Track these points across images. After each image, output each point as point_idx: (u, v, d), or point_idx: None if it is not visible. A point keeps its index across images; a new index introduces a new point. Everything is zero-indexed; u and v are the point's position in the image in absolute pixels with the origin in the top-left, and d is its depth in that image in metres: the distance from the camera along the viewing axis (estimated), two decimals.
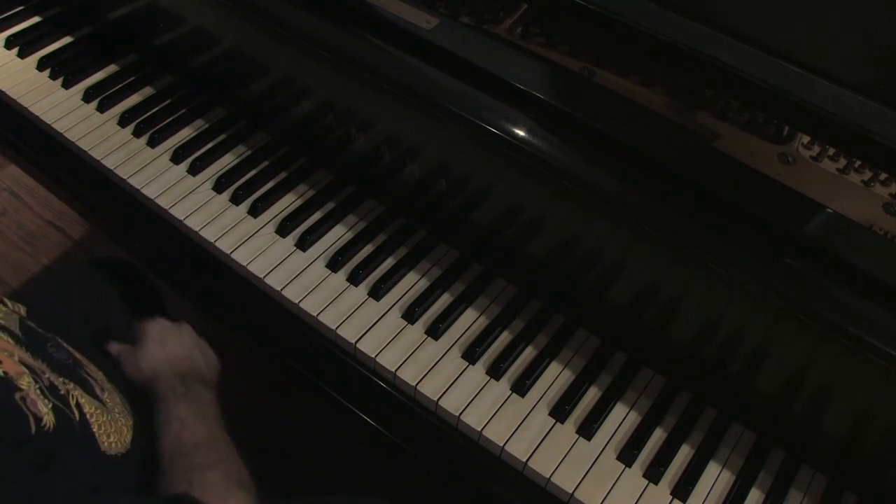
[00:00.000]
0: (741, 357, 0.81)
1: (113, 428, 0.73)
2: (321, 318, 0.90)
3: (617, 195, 0.78)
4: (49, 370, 0.67)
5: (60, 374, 0.70)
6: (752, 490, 0.83)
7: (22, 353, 0.64)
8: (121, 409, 0.78)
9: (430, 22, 0.87)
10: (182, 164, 1.05)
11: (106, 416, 0.73)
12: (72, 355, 0.77)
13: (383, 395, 0.89)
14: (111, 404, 0.76)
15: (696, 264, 0.76)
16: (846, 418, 0.78)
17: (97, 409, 0.72)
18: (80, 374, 0.75)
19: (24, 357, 0.64)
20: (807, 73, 0.75)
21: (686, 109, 0.82)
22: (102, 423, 0.71)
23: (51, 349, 0.73)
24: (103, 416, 0.72)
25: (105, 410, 0.74)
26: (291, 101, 1.01)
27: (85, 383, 0.74)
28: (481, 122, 0.81)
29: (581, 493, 0.80)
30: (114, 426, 0.74)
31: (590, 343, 0.93)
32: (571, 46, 0.87)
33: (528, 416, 0.85)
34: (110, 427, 0.73)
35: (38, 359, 0.66)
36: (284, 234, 0.98)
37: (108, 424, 0.73)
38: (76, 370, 0.75)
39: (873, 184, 0.77)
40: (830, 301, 0.71)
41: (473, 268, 0.97)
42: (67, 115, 1.09)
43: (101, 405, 0.74)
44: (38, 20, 1.22)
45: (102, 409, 0.73)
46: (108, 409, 0.75)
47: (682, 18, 0.79)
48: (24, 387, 0.60)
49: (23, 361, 0.63)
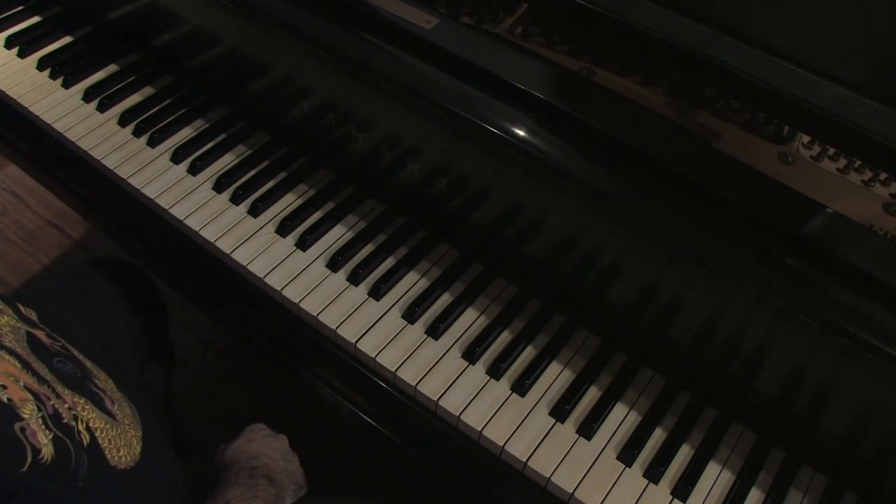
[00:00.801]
0: (741, 357, 0.81)
1: (122, 441, 0.74)
2: (321, 317, 0.90)
3: (617, 195, 0.78)
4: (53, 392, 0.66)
5: (68, 387, 0.70)
6: (752, 490, 0.83)
7: (28, 378, 0.64)
8: (130, 420, 0.79)
9: (430, 22, 0.87)
10: (182, 163, 1.05)
11: (116, 429, 0.73)
12: (80, 366, 0.77)
13: (383, 395, 0.89)
14: (121, 416, 0.77)
15: (696, 264, 0.76)
16: (846, 418, 0.78)
17: (107, 423, 0.72)
18: (89, 387, 0.75)
19: (30, 382, 0.64)
20: (807, 73, 0.75)
21: (686, 109, 0.82)
22: (112, 438, 0.72)
23: (58, 364, 0.73)
24: (113, 431, 0.73)
25: (115, 424, 0.74)
26: (291, 100, 1.01)
27: (94, 397, 0.74)
28: (481, 122, 0.81)
29: (581, 493, 0.80)
30: (123, 439, 0.74)
31: (590, 343, 0.93)
32: (571, 46, 0.87)
33: (528, 416, 0.85)
34: (120, 441, 0.73)
35: (43, 384, 0.65)
36: (284, 233, 0.98)
37: (118, 438, 0.73)
38: (85, 384, 0.75)
39: (873, 184, 0.77)
40: (830, 301, 0.71)
41: (473, 268, 0.97)
42: (67, 115, 1.09)
43: (111, 419, 0.74)
44: (38, 20, 1.22)
45: (112, 424, 0.74)
46: (118, 422, 0.75)
47: (682, 18, 0.79)
48: (26, 415, 0.60)
49: (28, 387, 0.63)
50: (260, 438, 0.92)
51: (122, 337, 1.01)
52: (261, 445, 0.91)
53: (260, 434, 0.93)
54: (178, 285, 1.08)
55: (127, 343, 1.02)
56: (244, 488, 0.84)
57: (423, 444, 0.88)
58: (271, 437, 0.93)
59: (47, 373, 0.69)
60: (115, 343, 0.99)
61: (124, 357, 1.00)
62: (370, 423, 0.91)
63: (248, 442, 0.91)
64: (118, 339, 1.00)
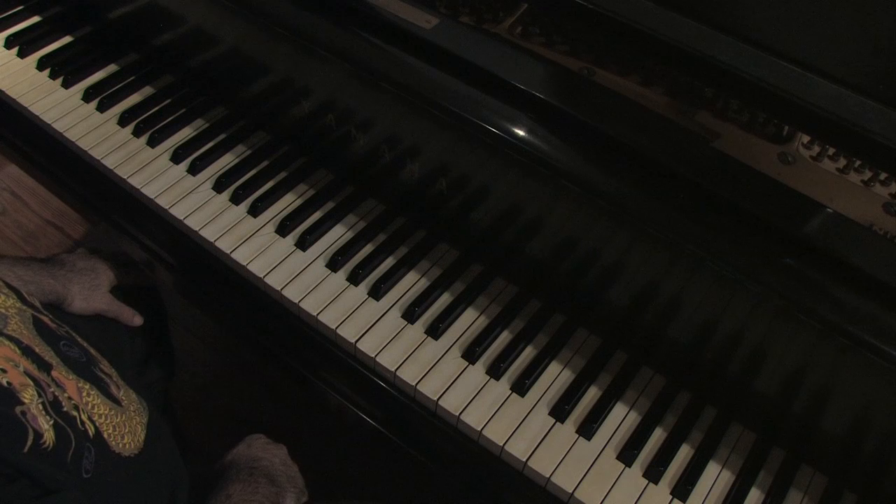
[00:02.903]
0: (741, 357, 0.81)
1: (127, 428, 0.74)
2: (321, 317, 0.90)
3: (617, 195, 0.78)
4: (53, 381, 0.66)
5: (74, 371, 0.70)
6: (752, 490, 0.83)
7: (28, 364, 0.64)
8: (136, 406, 0.79)
9: (430, 22, 0.87)
10: (182, 163, 1.05)
11: (120, 416, 0.74)
12: (85, 352, 0.77)
13: (383, 395, 0.89)
14: (126, 402, 0.77)
15: (695, 264, 0.76)
16: (846, 418, 0.78)
17: (111, 409, 0.72)
18: (95, 372, 0.75)
19: (30, 368, 0.64)
20: (807, 73, 0.75)
21: (686, 109, 0.82)
22: (117, 425, 0.72)
23: (64, 347, 0.73)
24: (118, 417, 0.73)
25: (120, 410, 0.74)
26: (291, 100, 1.01)
27: (100, 382, 0.74)
28: (481, 122, 0.81)
29: (581, 493, 0.80)
30: (128, 426, 0.74)
31: (590, 343, 0.93)
32: (571, 46, 0.87)
33: (528, 416, 0.85)
34: (124, 427, 0.73)
35: (43, 371, 0.65)
36: (284, 233, 0.98)
37: (123, 425, 0.73)
38: (90, 368, 0.75)
39: (873, 184, 0.77)
40: (830, 301, 0.71)
41: (473, 268, 0.97)
42: (67, 115, 1.09)
43: (116, 405, 0.74)
44: (38, 20, 1.22)
45: (117, 410, 0.74)
46: (124, 408, 0.75)
47: (681, 18, 0.79)
48: (26, 400, 0.59)
49: (28, 373, 0.63)
50: (259, 444, 0.93)
51: (122, 337, 1.01)
52: (260, 450, 0.92)
53: (259, 441, 0.94)
54: (177, 285, 1.08)
55: (127, 343, 1.02)
56: (245, 484, 0.84)
57: (423, 443, 0.88)
58: (270, 445, 0.94)
59: (53, 356, 0.69)
60: (115, 342, 0.99)
61: (125, 356, 1.01)
62: (370, 423, 0.91)
63: (247, 447, 0.92)
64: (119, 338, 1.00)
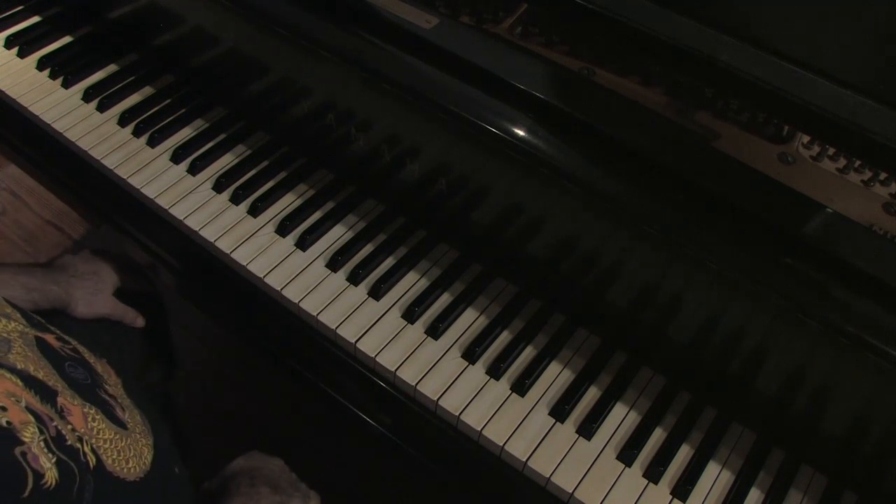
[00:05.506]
0: (741, 357, 0.81)
1: (132, 451, 0.73)
2: (321, 317, 0.90)
3: (616, 195, 0.78)
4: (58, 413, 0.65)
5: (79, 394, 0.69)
6: (751, 490, 0.83)
7: (30, 398, 0.62)
8: (142, 428, 0.78)
9: (430, 22, 0.87)
10: (182, 163, 1.05)
11: (125, 440, 0.72)
12: (91, 371, 0.76)
13: (383, 395, 0.89)
14: (132, 424, 0.76)
15: (695, 264, 0.76)
16: (846, 418, 0.78)
17: (116, 434, 0.71)
18: (100, 395, 0.74)
19: (32, 402, 0.62)
20: (807, 73, 0.75)
21: (686, 109, 0.82)
22: (121, 449, 0.71)
23: (69, 369, 0.72)
24: (122, 441, 0.72)
25: (125, 434, 0.73)
26: (291, 100, 1.01)
27: (104, 405, 0.73)
28: (481, 122, 0.81)
29: (581, 493, 0.80)
30: (133, 449, 0.73)
31: (590, 343, 0.93)
32: (571, 46, 0.87)
33: (528, 416, 0.85)
34: (129, 451, 0.72)
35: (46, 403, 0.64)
36: (284, 233, 0.98)
37: (128, 449, 0.72)
38: (95, 391, 0.73)
39: (873, 184, 0.77)
40: (830, 301, 0.71)
41: (473, 268, 0.97)
42: (67, 115, 1.09)
43: (121, 428, 0.73)
44: (38, 20, 1.22)
45: (122, 434, 0.72)
46: (129, 431, 0.74)
47: (682, 18, 0.79)
48: (27, 439, 0.58)
49: (30, 408, 0.61)
50: (257, 455, 0.93)
51: (123, 338, 1.01)
52: (258, 461, 0.92)
53: (257, 453, 0.94)
54: (177, 286, 1.08)
55: (127, 343, 1.01)
56: (245, 497, 0.84)
57: (423, 444, 0.88)
58: (268, 457, 0.94)
59: (58, 380, 0.68)
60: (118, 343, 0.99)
61: (126, 357, 1.00)
62: (370, 423, 0.91)
63: (246, 460, 0.92)
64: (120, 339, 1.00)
